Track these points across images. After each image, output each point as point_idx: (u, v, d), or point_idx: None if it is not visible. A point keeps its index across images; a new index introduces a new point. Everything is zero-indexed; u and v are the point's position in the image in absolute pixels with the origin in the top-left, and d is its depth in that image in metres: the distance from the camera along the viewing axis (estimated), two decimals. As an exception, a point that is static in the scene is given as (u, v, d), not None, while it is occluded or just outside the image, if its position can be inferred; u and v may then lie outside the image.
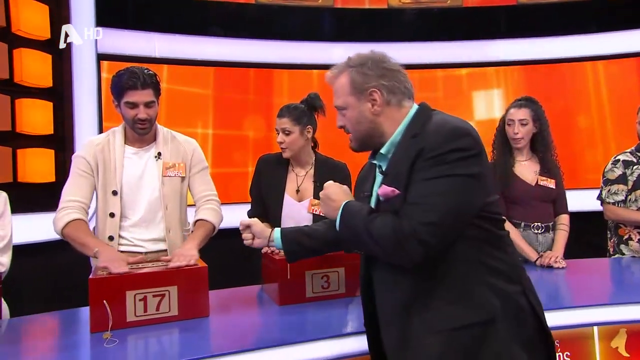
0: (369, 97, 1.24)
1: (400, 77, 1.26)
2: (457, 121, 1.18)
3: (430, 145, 1.12)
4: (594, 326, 1.64)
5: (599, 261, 2.47)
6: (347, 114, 1.28)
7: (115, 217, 1.88)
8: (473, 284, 1.14)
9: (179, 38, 3.79)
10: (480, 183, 1.14)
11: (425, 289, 1.16)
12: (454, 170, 1.10)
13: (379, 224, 1.15)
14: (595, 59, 4.17)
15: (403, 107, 1.26)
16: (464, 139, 1.13)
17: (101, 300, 1.50)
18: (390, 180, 1.19)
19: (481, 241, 1.16)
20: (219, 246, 1.93)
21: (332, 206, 1.30)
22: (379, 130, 1.26)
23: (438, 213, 1.09)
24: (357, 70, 1.25)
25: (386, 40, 4.03)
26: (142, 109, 1.84)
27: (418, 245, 1.09)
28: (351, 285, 1.83)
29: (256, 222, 1.60)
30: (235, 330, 1.56)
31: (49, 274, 3.03)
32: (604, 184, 2.56)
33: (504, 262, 1.18)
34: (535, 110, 2.40)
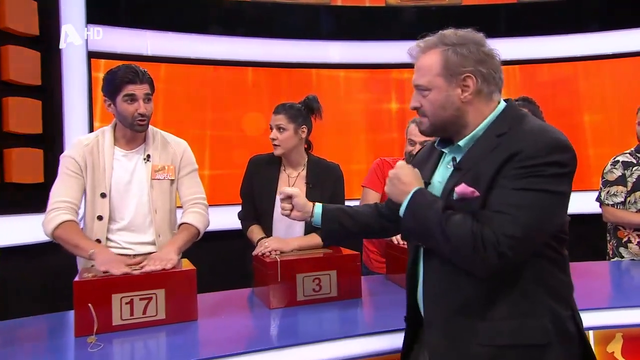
0: (461, 83, 1.15)
1: (497, 65, 1.18)
2: (557, 132, 1.10)
3: (527, 152, 1.05)
4: (589, 330, 1.64)
5: (598, 264, 2.48)
6: (429, 96, 1.18)
7: (103, 220, 1.87)
8: (533, 304, 1.10)
9: (172, 36, 3.79)
10: (566, 203, 1.10)
11: (485, 297, 1.11)
12: (547, 186, 1.05)
13: (456, 224, 1.08)
14: (597, 58, 4.18)
15: (492, 100, 1.18)
16: (564, 154, 1.07)
17: (86, 303, 1.50)
18: (467, 179, 1.12)
19: (549, 261, 1.13)
20: (209, 248, 1.93)
21: (400, 189, 1.21)
22: (463, 120, 1.17)
23: (524, 227, 1.04)
24: (455, 49, 1.15)
25: (384, 39, 4.04)
26: (141, 103, 1.84)
27: (497, 256, 1.04)
28: (343, 288, 1.83)
29: (299, 194, 1.51)
30: (225, 334, 1.55)
31: (36, 277, 3.01)
32: (602, 185, 2.57)
33: (564, 284, 1.16)
34: (532, 110, 2.39)
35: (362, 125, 4.24)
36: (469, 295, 1.13)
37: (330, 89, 4.17)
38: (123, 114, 1.85)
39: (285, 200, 1.52)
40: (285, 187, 1.51)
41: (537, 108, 2.46)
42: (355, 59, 4.16)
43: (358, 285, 1.87)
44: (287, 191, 1.51)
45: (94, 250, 1.71)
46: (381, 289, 2.02)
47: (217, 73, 3.93)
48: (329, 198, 2.12)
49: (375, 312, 1.81)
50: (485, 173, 1.09)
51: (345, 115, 4.16)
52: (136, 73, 1.83)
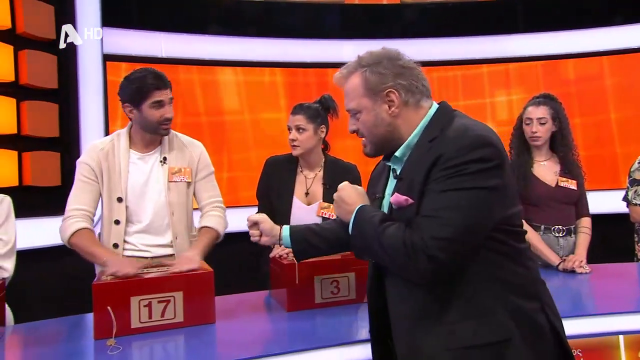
0: (386, 99, 1.20)
1: (417, 74, 1.22)
2: (479, 128, 1.14)
3: (448, 154, 1.09)
4: (619, 335, 1.61)
5: (626, 266, 2.43)
6: (361, 118, 1.24)
7: (120, 224, 1.90)
8: (489, 301, 1.11)
9: (186, 37, 3.82)
10: (500, 196, 1.11)
11: (438, 302, 1.13)
12: (472, 183, 1.07)
13: (389, 234, 1.13)
14: (616, 53, 4.10)
15: (421, 108, 1.22)
16: (485, 149, 1.09)
17: (105, 306, 1.52)
18: (404, 187, 1.16)
19: (499, 255, 1.13)
20: (226, 251, 1.94)
21: (345, 209, 1.27)
22: (397, 133, 1.22)
23: (452, 228, 1.06)
24: (371, 69, 1.21)
25: (397, 37, 4.02)
26: (167, 108, 1.87)
27: (427, 260, 1.06)
28: (361, 290, 1.82)
29: (265, 219, 1.58)
30: (242, 337, 1.55)
31: (54, 280, 3.07)
32: (630, 184, 2.51)
33: (522, 277, 1.15)
34: (554, 107, 2.37)
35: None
36: (423, 302, 1.15)
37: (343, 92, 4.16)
38: (149, 119, 1.87)
39: (253, 226, 1.58)
40: (251, 215, 1.59)
41: (559, 105, 2.42)
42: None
43: (377, 288, 1.85)
44: (252, 218, 1.57)
45: (107, 258, 1.73)
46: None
47: (231, 74, 3.95)
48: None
49: (394, 315, 1.80)
50: (417, 180, 1.13)
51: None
52: (161, 78, 1.86)
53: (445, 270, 1.09)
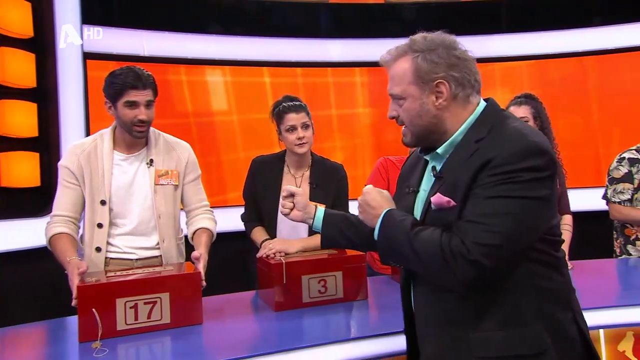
0: (435, 89, 1.14)
1: (471, 67, 1.16)
2: (534, 134, 1.09)
3: (500, 159, 1.04)
4: (599, 329, 1.65)
5: (605, 262, 2.50)
6: (405, 105, 1.17)
7: (103, 227, 1.87)
8: (526, 311, 1.08)
9: (168, 36, 3.79)
10: (548, 206, 1.08)
11: (474, 308, 1.10)
12: (524, 192, 1.02)
13: (424, 239, 1.08)
14: (599, 53, 4.20)
15: (470, 103, 1.16)
16: (541, 158, 1.04)
17: (90, 308, 1.50)
18: (446, 187, 1.11)
19: (540, 264, 1.11)
20: (212, 251, 1.93)
21: (371, 214, 1.22)
22: (441, 126, 1.16)
23: (498, 236, 1.02)
24: (424, 56, 1.13)
25: (384, 37, 4.05)
26: (143, 110, 1.82)
27: (468, 266, 1.02)
28: (349, 289, 1.84)
29: (302, 194, 1.49)
30: (230, 338, 1.56)
31: (35, 282, 3.01)
32: (609, 182, 2.59)
33: (559, 285, 1.14)
34: (535, 107, 2.42)
35: (365, 126, 4.24)
36: (457, 306, 1.12)
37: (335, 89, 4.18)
38: (123, 119, 1.84)
39: (288, 198, 1.49)
40: (288, 185, 1.50)
41: (540, 104, 2.47)
42: (355, 57, 4.17)
43: (364, 286, 1.88)
44: (290, 189, 1.49)
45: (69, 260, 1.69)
46: (387, 290, 2.03)
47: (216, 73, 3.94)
48: (333, 198, 2.13)
49: (382, 313, 1.82)
50: (462, 181, 1.08)
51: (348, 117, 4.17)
52: (139, 78, 1.80)
53: (486, 278, 1.05)
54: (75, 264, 1.65)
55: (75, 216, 1.87)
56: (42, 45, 3.27)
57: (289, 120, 2.07)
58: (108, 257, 1.90)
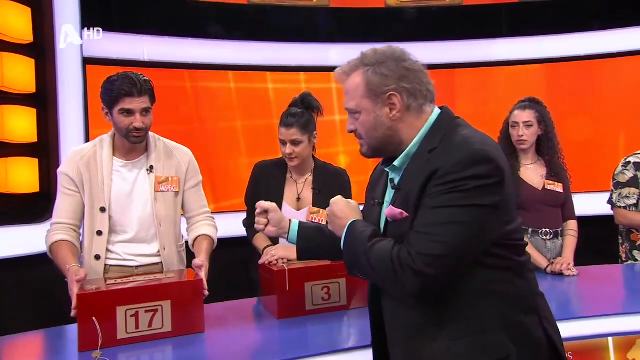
0: (388, 102, 1.16)
1: (422, 78, 1.18)
2: (480, 141, 1.10)
3: (445, 168, 1.05)
4: (608, 337, 1.64)
5: (611, 268, 2.48)
6: (360, 118, 1.20)
7: (102, 235, 1.85)
8: (486, 317, 1.09)
9: (168, 40, 3.78)
10: (499, 213, 1.08)
11: (433, 319, 1.11)
12: (468, 200, 1.04)
13: (378, 251, 1.11)
14: (601, 57, 4.20)
15: (424, 113, 1.18)
16: (485, 165, 1.05)
17: (90, 316, 1.49)
18: (400, 200, 1.14)
19: (499, 270, 1.11)
20: (214, 257, 1.91)
21: (337, 224, 1.25)
22: (397, 137, 1.18)
23: (442, 245, 1.03)
24: (374, 69, 1.16)
25: (384, 41, 4.05)
26: (138, 117, 1.80)
27: (414, 276, 1.04)
28: (353, 296, 1.83)
29: (275, 209, 1.49)
30: (233, 347, 1.54)
31: (34, 289, 2.99)
32: (614, 187, 2.57)
33: (521, 290, 1.13)
34: (540, 111, 2.42)
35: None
36: (420, 316, 1.13)
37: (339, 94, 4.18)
38: (118, 125, 1.83)
39: (262, 214, 1.50)
40: (261, 201, 1.50)
41: (545, 109, 2.47)
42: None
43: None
44: (263, 205, 1.49)
45: (69, 268, 1.67)
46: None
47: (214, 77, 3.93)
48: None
49: (386, 320, 1.80)
50: (413, 192, 1.10)
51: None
52: (134, 84, 1.78)
53: (434, 287, 1.06)
54: (73, 272, 1.63)
55: (75, 223, 1.86)
56: (41, 50, 3.27)
57: (280, 134, 2.07)
58: (108, 265, 1.88)
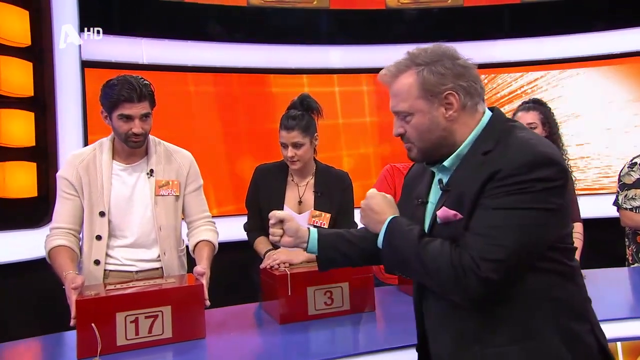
0: (444, 101, 1.12)
1: (476, 75, 1.15)
2: (542, 144, 1.08)
3: (509, 170, 1.02)
4: (617, 342, 1.62)
5: (618, 271, 2.47)
6: (413, 121, 1.15)
7: (102, 239, 1.84)
8: (541, 323, 1.06)
9: (168, 43, 3.78)
10: (560, 217, 1.06)
11: (486, 324, 1.08)
12: (533, 203, 1.01)
13: (433, 252, 1.07)
14: (603, 58, 4.19)
15: (477, 112, 1.15)
16: (551, 168, 1.03)
17: (89, 322, 1.47)
18: (452, 201, 1.10)
19: (554, 274, 1.09)
20: (214, 262, 1.90)
21: (374, 219, 1.20)
22: (451, 139, 1.14)
23: (506, 250, 1.01)
24: (430, 68, 1.12)
25: (385, 43, 4.05)
26: (137, 123, 1.79)
27: (478, 282, 1.01)
28: (356, 301, 1.81)
29: (291, 219, 1.40)
30: (234, 352, 1.53)
31: (32, 295, 2.97)
32: (620, 188, 2.56)
33: (575, 296, 1.11)
34: (544, 113, 2.41)
35: (368, 134, 4.22)
36: (468, 323, 1.10)
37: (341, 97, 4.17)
38: (117, 130, 1.82)
39: (276, 225, 1.40)
40: (274, 211, 1.42)
41: (549, 110, 2.46)
42: (355, 64, 4.16)
43: (371, 298, 1.85)
44: (278, 215, 1.40)
45: (65, 274, 1.66)
46: (395, 301, 2.00)
47: (213, 80, 3.93)
48: (338, 207, 2.11)
49: (390, 325, 1.79)
50: (468, 194, 1.07)
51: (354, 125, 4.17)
52: (134, 89, 1.76)
53: (495, 291, 1.04)
54: (70, 279, 1.61)
55: (75, 228, 1.85)
56: (39, 53, 3.26)
57: (281, 137, 2.06)
58: (107, 270, 1.87)
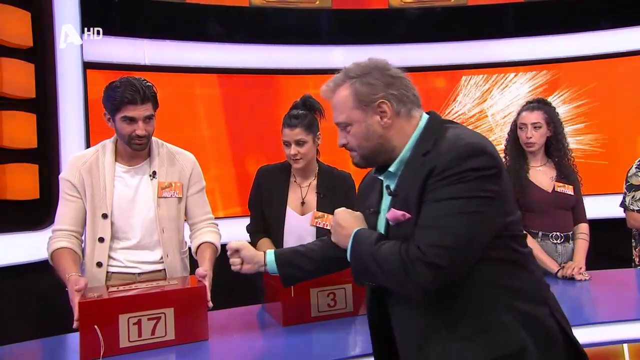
0: (377, 110, 1.20)
1: (407, 84, 1.23)
2: (472, 136, 1.15)
3: (443, 164, 1.09)
4: (624, 343, 1.62)
5: (624, 272, 2.46)
6: (352, 130, 1.23)
7: (104, 242, 1.85)
8: (498, 310, 1.11)
9: (170, 44, 3.80)
10: (499, 203, 1.11)
11: (446, 318, 1.12)
12: (471, 191, 1.07)
13: (385, 252, 1.13)
14: (610, 56, 4.18)
15: (413, 118, 1.22)
16: (480, 158, 1.09)
17: (92, 324, 1.48)
18: (400, 203, 1.16)
19: (504, 262, 1.13)
20: (217, 264, 1.90)
21: (342, 234, 1.28)
22: (389, 145, 1.22)
23: (451, 236, 1.06)
24: (361, 80, 1.21)
25: (388, 42, 4.05)
26: (140, 125, 1.80)
27: (425, 269, 1.06)
28: (359, 302, 1.81)
29: (246, 246, 1.55)
30: (237, 354, 1.54)
31: (34, 298, 2.99)
32: (627, 189, 2.55)
33: (528, 282, 1.16)
34: (548, 112, 2.40)
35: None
36: (430, 319, 1.14)
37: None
38: (121, 132, 1.83)
39: (234, 254, 1.53)
40: (230, 242, 1.53)
41: (554, 110, 2.46)
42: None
43: (375, 300, 1.85)
44: (233, 245, 1.51)
45: (68, 277, 1.67)
46: (398, 303, 1.99)
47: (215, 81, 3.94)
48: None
49: (394, 327, 1.79)
50: (412, 193, 1.13)
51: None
52: (137, 91, 1.77)
53: (446, 281, 1.08)
54: (73, 281, 1.63)
55: (77, 230, 1.86)
56: (41, 55, 3.28)
57: (284, 135, 2.07)
58: (110, 272, 1.88)
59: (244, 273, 1.56)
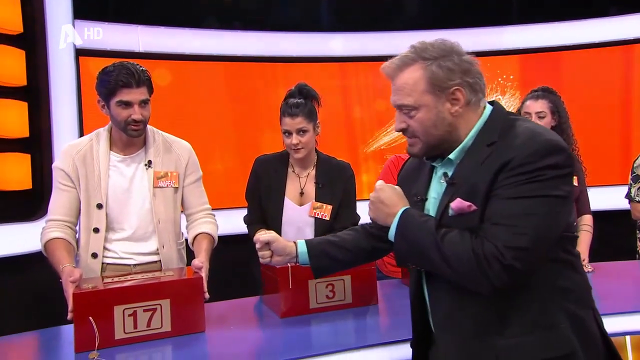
0: (450, 97, 1.16)
1: (480, 71, 1.19)
2: (548, 133, 1.13)
3: (519, 159, 1.07)
4: (626, 335, 1.64)
5: (629, 264, 2.48)
6: (418, 115, 1.17)
7: (99, 232, 1.85)
8: (552, 312, 1.11)
9: (164, 31, 3.78)
10: (569, 204, 1.12)
11: (498, 315, 1.12)
12: (548, 190, 1.06)
13: (453, 242, 1.10)
14: (618, 43, 4.17)
15: (479, 107, 1.20)
16: (560, 155, 1.08)
17: (86, 316, 1.49)
18: (463, 193, 1.13)
19: (560, 263, 1.14)
20: (214, 255, 1.91)
21: (384, 212, 1.23)
22: (455, 134, 1.18)
23: (529, 237, 1.05)
24: (438, 63, 1.15)
25: (389, 30, 4.04)
26: (137, 109, 1.79)
27: (502, 270, 1.04)
28: (358, 294, 1.83)
29: (277, 238, 1.46)
30: (234, 346, 1.54)
31: (27, 289, 3.01)
32: (632, 180, 2.56)
33: (579, 284, 1.16)
34: (553, 101, 2.40)
35: (370, 124, 4.23)
36: (480, 315, 1.13)
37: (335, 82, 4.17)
38: (116, 118, 1.82)
39: (263, 247, 1.45)
40: (258, 234, 1.47)
41: (559, 98, 2.46)
42: (358, 52, 4.15)
43: (374, 291, 1.87)
44: (262, 238, 1.45)
45: (62, 267, 1.67)
46: (398, 294, 2.01)
47: (211, 69, 3.93)
48: (340, 198, 2.12)
49: (392, 319, 1.81)
50: (480, 185, 1.11)
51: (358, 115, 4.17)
52: (132, 75, 1.77)
53: (517, 281, 1.08)
54: (67, 272, 1.63)
55: (71, 220, 1.86)
56: (32, 41, 3.26)
57: (284, 125, 2.05)
58: (105, 263, 1.88)
59: (273, 265, 1.49)
